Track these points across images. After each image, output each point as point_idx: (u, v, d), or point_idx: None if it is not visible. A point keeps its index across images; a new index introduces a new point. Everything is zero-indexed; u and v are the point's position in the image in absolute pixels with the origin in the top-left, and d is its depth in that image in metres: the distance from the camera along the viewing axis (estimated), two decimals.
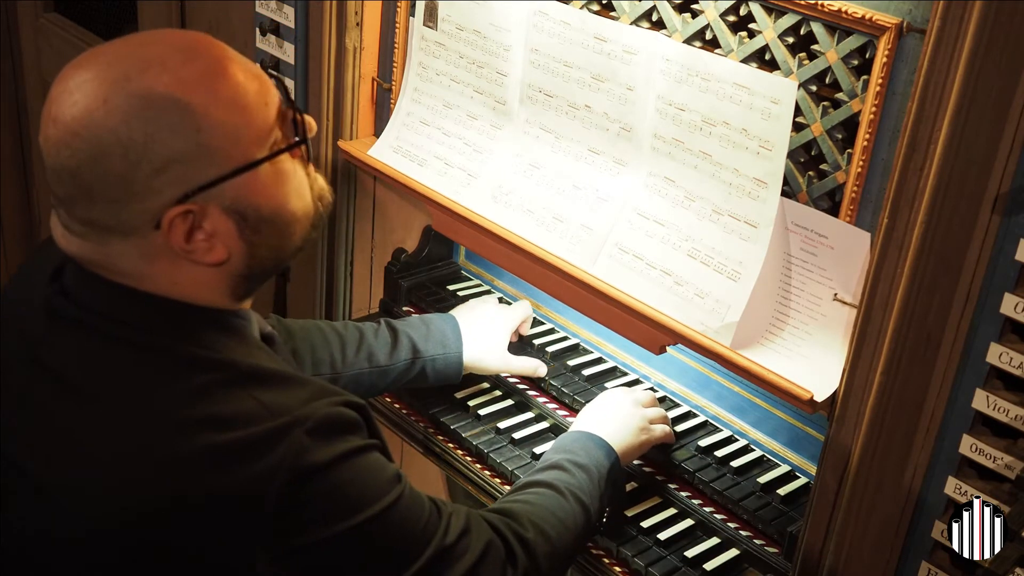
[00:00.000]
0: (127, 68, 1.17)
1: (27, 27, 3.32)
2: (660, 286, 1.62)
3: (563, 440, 1.67)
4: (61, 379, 1.24)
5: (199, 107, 1.17)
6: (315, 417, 1.20)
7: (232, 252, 1.25)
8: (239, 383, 1.21)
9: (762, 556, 1.62)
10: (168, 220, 1.19)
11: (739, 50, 1.52)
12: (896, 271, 1.28)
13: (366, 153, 2.03)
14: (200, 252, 1.23)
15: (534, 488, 1.53)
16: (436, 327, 1.87)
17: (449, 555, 1.30)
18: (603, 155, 1.72)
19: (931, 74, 1.20)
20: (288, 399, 1.21)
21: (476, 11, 1.84)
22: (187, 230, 1.20)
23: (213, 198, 1.20)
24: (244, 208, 1.22)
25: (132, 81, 1.16)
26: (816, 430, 1.72)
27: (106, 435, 1.20)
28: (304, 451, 1.18)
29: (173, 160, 1.17)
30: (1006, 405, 1.22)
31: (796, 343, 1.50)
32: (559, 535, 1.46)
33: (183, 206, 1.18)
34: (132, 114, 1.15)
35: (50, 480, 1.23)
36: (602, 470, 1.60)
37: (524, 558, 1.39)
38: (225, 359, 1.24)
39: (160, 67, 1.17)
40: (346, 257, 2.20)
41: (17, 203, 3.66)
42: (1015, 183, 1.16)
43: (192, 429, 1.17)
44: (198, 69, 1.19)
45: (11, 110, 3.51)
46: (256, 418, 1.18)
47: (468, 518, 1.36)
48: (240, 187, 1.21)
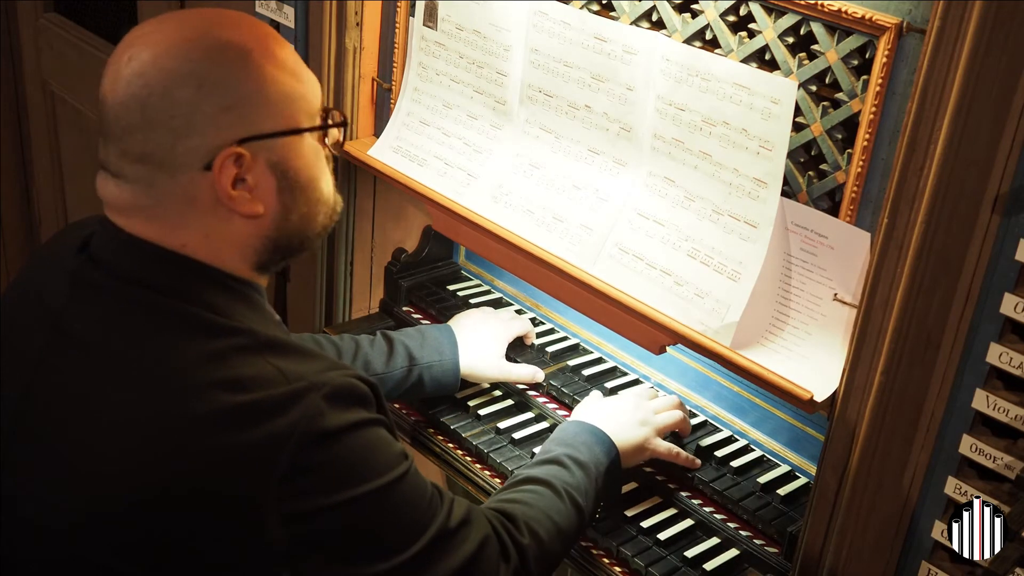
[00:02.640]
0: (208, 22, 1.28)
1: (27, 27, 3.32)
2: (660, 286, 1.62)
3: (565, 431, 1.68)
4: (80, 342, 1.28)
5: (267, 65, 1.27)
6: (331, 384, 1.23)
7: (268, 210, 1.31)
8: (256, 350, 1.25)
9: (762, 556, 1.62)
10: (221, 160, 1.25)
11: (739, 50, 1.52)
12: (896, 271, 1.28)
13: (366, 153, 2.03)
14: (240, 201, 1.28)
15: (532, 485, 1.54)
16: (431, 336, 1.89)
17: (449, 541, 1.33)
18: (603, 155, 1.72)
19: (931, 74, 1.20)
20: (304, 368, 1.25)
21: (476, 11, 1.84)
22: (235, 175, 1.27)
23: (264, 150, 1.28)
24: (287, 169, 1.30)
25: (213, 31, 1.27)
26: (816, 430, 1.72)
27: (124, 397, 1.23)
28: (319, 415, 1.21)
29: (240, 102, 1.25)
30: (1006, 405, 1.22)
31: (796, 343, 1.50)
32: (552, 539, 1.48)
33: (238, 148, 1.25)
34: (211, 53, 1.25)
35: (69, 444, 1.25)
36: (600, 468, 1.62)
37: (516, 559, 1.41)
38: (244, 327, 1.28)
39: (235, 26, 1.29)
40: (346, 257, 2.20)
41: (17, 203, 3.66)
42: (1015, 183, 1.16)
43: (209, 390, 1.20)
44: (265, 36, 1.31)
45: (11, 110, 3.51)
46: (273, 382, 1.22)
47: (469, 509, 1.38)
48: (288, 148, 1.30)
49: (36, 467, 1.27)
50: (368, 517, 1.26)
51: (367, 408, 1.28)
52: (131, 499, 1.20)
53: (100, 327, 1.27)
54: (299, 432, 1.19)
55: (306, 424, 1.20)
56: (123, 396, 1.23)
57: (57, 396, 1.27)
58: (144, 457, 1.20)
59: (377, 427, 1.29)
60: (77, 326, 1.28)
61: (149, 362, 1.23)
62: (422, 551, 1.30)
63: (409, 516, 1.30)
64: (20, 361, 1.32)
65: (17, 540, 1.29)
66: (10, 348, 1.35)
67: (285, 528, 1.21)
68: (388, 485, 1.27)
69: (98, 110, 1.29)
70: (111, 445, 1.22)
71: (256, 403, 1.20)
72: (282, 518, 1.20)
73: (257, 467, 1.19)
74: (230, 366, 1.22)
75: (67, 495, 1.24)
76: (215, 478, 1.19)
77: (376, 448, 1.27)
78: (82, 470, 1.23)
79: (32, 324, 1.33)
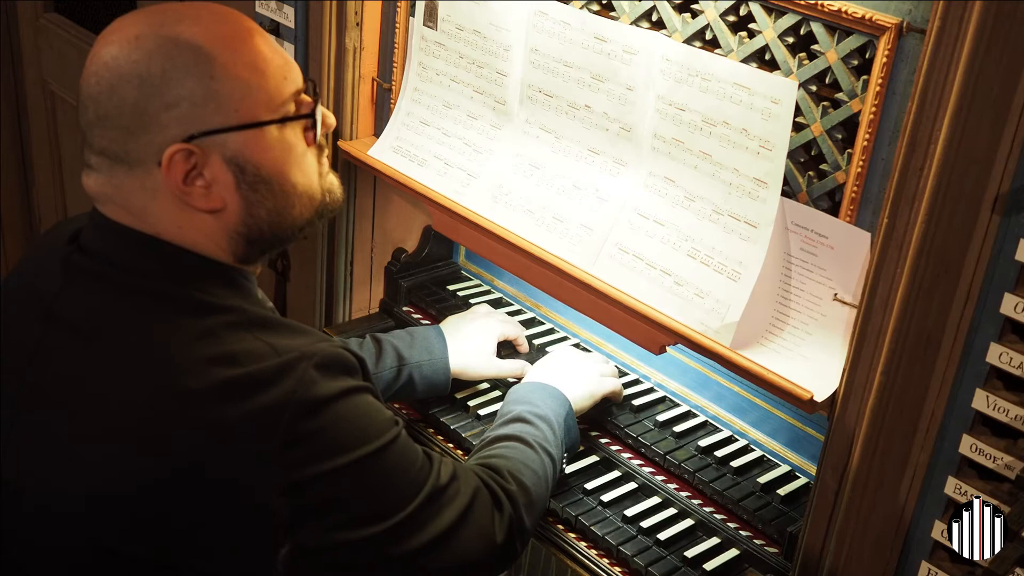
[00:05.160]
0: (165, 18, 1.28)
1: (27, 27, 3.32)
2: (660, 286, 1.62)
3: (519, 391, 1.74)
4: (73, 328, 1.29)
5: (218, 59, 1.26)
6: (321, 354, 1.26)
7: (228, 204, 1.31)
8: (245, 326, 1.28)
9: (762, 556, 1.62)
10: (168, 156, 1.26)
11: (739, 50, 1.52)
12: (896, 271, 1.28)
13: (366, 153, 2.03)
14: (196, 196, 1.29)
15: (505, 442, 1.60)
16: (420, 335, 1.90)
17: (441, 497, 1.37)
18: (603, 155, 1.72)
19: (931, 74, 1.20)
20: (293, 342, 1.27)
21: (476, 11, 1.84)
22: (187, 171, 1.27)
23: (216, 146, 1.27)
24: (244, 163, 1.30)
25: (165, 27, 1.27)
26: (816, 430, 1.72)
27: (117, 378, 1.25)
28: (312, 383, 1.23)
29: (183, 99, 1.25)
30: (1006, 405, 1.22)
31: (796, 343, 1.50)
32: (535, 485, 1.54)
33: (185, 145, 1.25)
34: (156, 52, 1.25)
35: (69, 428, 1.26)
36: (559, 419, 1.68)
37: (509, 507, 1.46)
38: (232, 304, 1.30)
39: (193, 21, 1.28)
40: (346, 257, 2.20)
41: (17, 203, 3.66)
42: (1015, 183, 1.16)
43: (202, 366, 1.22)
44: (228, 30, 1.29)
45: (11, 110, 3.51)
46: (264, 355, 1.24)
47: (455, 466, 1.42)
48: (244, 143, 1.29)
49: (39, 453, 1.28)
50: (365, 481, 1.29)
51: (356, 377, 1.31)
52: (133, 479, 1.22)
53: (90, 312, 1.29)
54: (294, 401, 1.21)
55: (301, 393, 1.22)
56: (117, 378, 1.24)
57: (54, 382, 1.29)
58: (143, 436, 1.21)
59: (366, 394, 1.32)
60: (68, 312, 1.30)
61: (140, 343, 1.25)
62: (417, 509, 1.33)
63: (403, 478, 1.33)
64: (17, 351, 1.33)
65: (23, 529, 1.30)
66: (7, 340, 1.36)
67: (285, 497, 1.22)
68: (382, 448, 1.30)
69: None
70: (109, 427, 1.23)
71: (249, 375, 1.22)
72: (282, 487, 1.22)
73: (256, 438, 1.21)
74: (221, 342, 1.24)
75: (71, 479, 1.25)
76: (214, 452, 1.20)
77: (368, 414, 1.30)
78: (83, 453, 1.24)
79: (27, 314, 1.35)
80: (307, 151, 1.37)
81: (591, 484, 1.77)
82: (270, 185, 1.32)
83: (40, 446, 1.28)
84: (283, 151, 1.33)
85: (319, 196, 1.39)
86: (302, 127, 1.36)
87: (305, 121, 1.36)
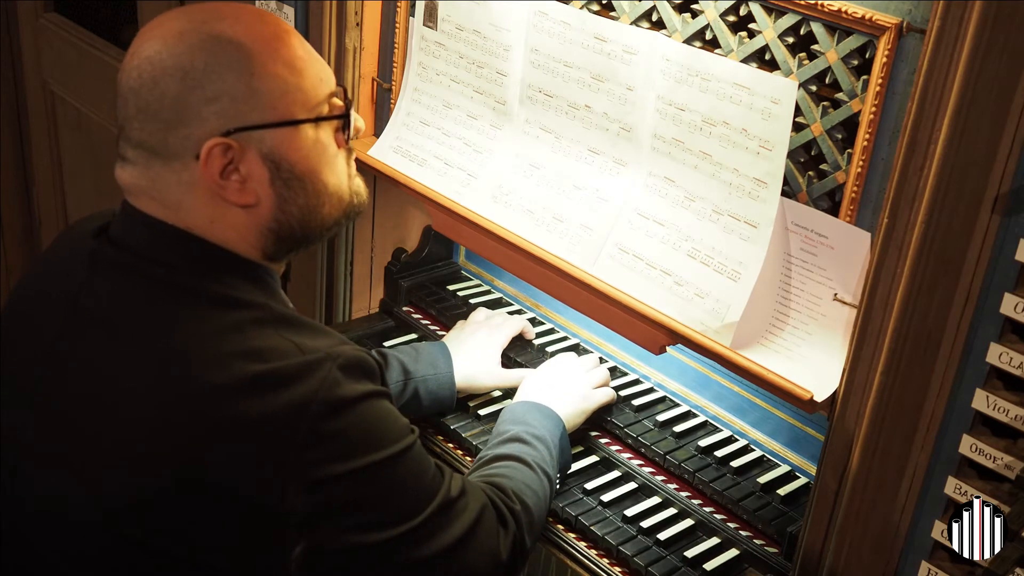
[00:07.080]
0: (207, 16, 1.31)
1: (27, 27, 3.32)
2: (660, 286, 1.62)
3: (515, 411, 1.74)
4: (98, 319, 1.30)
5: (259, 57, 1.29)
6: (345, 356, 1.27)
7: (261, 199, 1.33)
8: (271, 323, 1.29)
9: (762, 556, 1.62)
10: (207, 150, 1.28)
11: (739, 50, 1.52)
12: (896, 271, 1.28)
13: (366, 153, 2.03)
14: (232, 191, 1.31)
15: (506, 462, 1.61)
16: (425, 350, 1.90)
17: (452, 508, 1.38)
18: (603, 155, 1.72)
19: (931, 74, 1.20)
20: (317, 342, 1.29)
21: (476, 11, 1.84)
22: (224, 165, 1.29)
23: (253, 141, 1.30)
24: (279, 160, 1.32)
25: (207, 24, 1.30)
26: (816, 430, 1.72)
27: (141, 369, 1.25)
28: (336, 384, 1.25)
29: (224, 94, 1.27)
30: (1006, 405, 1.22)
31: (796, 343, 1.51)
32: (535, 506, 1.56)
33: (224, 139, 1.28)
34: (198, 47, 1.28)
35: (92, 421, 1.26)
36: (554, 439, 1.69)
37: (514, 526, 1.48)
38: (257, 301, 1.32)
39: (235, 20, 1.31)
40: (346, 257, 2.20)
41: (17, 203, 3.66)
42: (1015, 183, 1.16)
43: (227, 360, 1.23)
44: (268, 30, 1.32)
45: (11, 110, 3.51)
46: (289, 353, 1.25)
47: (464, 481, 1.44)
48: (280, 140, 1.31)
49: (59, 443, 1.28)
50: (381, 485, 1.29)
51: (375, 381, 1.32)
52: (157, 472, 1.22)
53: (116, 303, 1.30)
54: (318, 400, 1.22)
55: (325, 392, 1.23)
56: (141, 369, 1.25)
57: (77, 372, 1.29)
58: (165, 427, 1.22)
59: (385, 399, 1.33)
60: (94, 303, 1.31)
61: (165, 335, 1.26)
62: (428, 519, 1.34)
63: (417, 485, 1.34)
64: (40, 342, 1.34)
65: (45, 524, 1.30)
66: (29, 332, 1.37)
67: (303, 496, 1.23)
68: (399, 454, 1.31)
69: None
70: (131, 417, 1.24)
71: (275, 371, 1.23)
72: (300, 486, 1.22)
73: (278, 435, 1.21)
74: (247, 337, 1.26)
75: (92, 469, 1.25)
76: (237, 446, 1.21)
77: (387, 419, 1.32)
78: (105, 444, 1.25)
79: (51, 306, 1.35)
80: (338, 153, 1.40)
81: (591, 484, 1.77)
82: (303, 183, 1.35)
83: (60, 436, 1.28)
84: (317, 151, 1.35)
85: (347, 197, 1.42)
86: (334, 128, 1.38)
87: (337, 122, 1.38)
